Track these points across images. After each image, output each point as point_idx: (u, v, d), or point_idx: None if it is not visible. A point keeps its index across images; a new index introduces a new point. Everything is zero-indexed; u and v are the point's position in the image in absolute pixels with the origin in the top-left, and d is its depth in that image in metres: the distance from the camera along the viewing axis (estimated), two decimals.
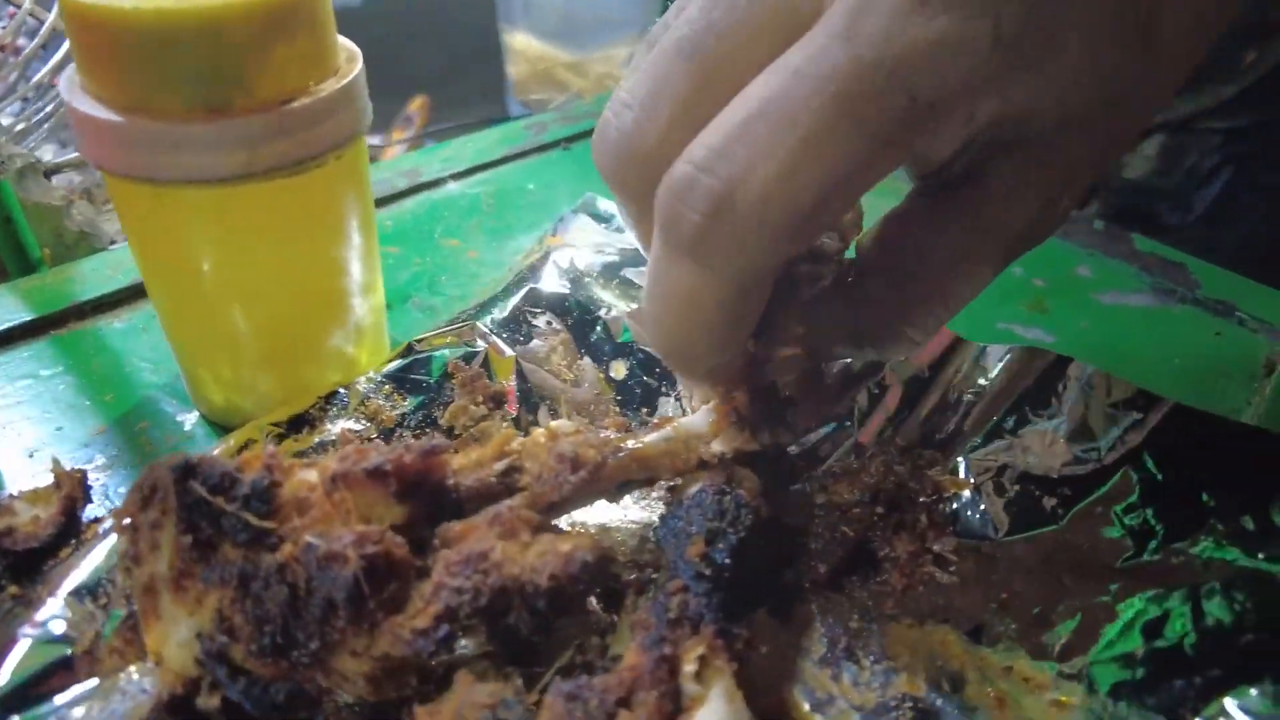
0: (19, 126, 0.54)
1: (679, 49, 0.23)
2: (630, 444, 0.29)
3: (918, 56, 0.20)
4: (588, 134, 0.63)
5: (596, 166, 0.26)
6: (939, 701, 0.28)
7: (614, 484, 0.28)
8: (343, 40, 0.34)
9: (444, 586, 0.24)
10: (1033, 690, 0.28)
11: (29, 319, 0.43)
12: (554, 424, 0.29)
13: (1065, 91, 0.22)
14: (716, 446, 0.29)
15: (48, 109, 0.61)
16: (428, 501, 0.26)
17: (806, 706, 0.28)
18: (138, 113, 0.29)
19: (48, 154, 0.60)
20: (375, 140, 1.02)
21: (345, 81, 0.32)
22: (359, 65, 0.34)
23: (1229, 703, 0.26)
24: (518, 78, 0.91)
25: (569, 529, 0.33)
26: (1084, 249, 0.57)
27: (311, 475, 0.26)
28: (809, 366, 0.31)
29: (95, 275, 0.46)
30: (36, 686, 0.27)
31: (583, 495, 0.28)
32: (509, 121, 0.64)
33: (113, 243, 0.53)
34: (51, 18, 0.59)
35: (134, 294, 0.46)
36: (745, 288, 0.23)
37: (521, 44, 0.87)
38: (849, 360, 0.38)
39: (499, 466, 0.27)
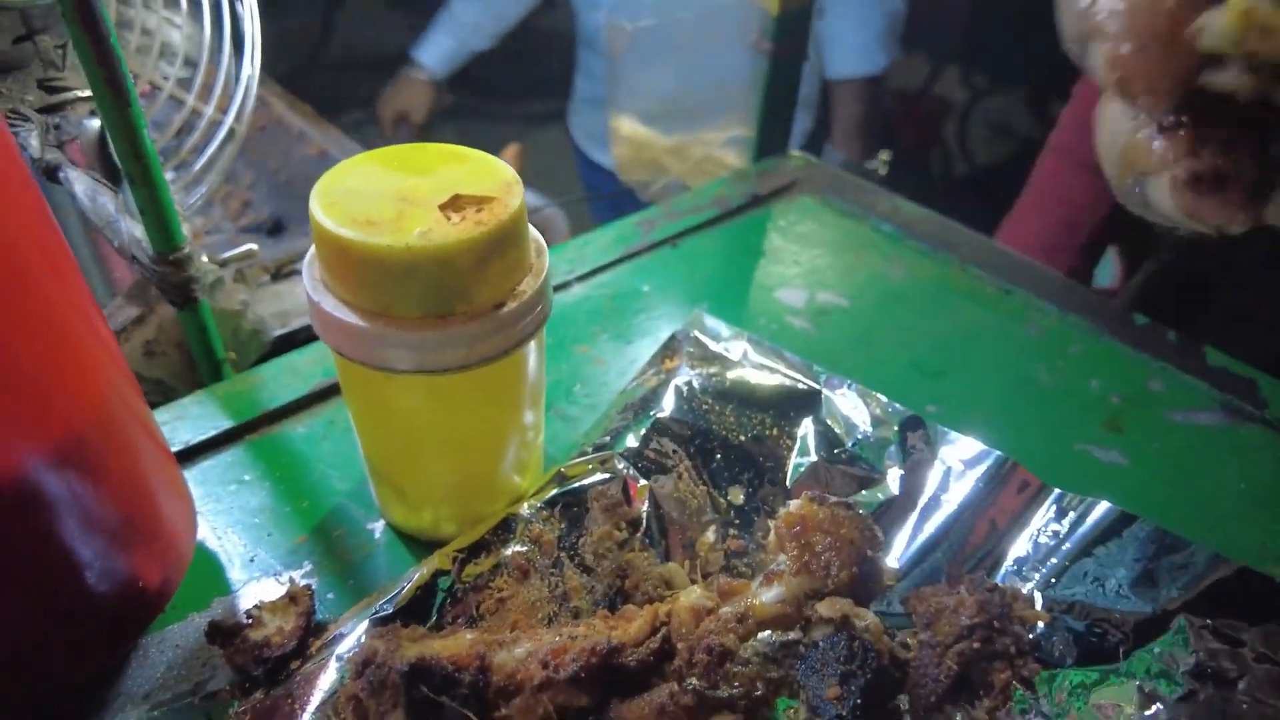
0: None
1: None
2: (751, 600, 0.37)
3: None
4: (691, 231, 0.69)
5: None
6: None
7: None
8: (531, 233, 0.40)
9: None
10: None
11: (230, 426, 0.50)
12: (692, 599, 0.37)
13: None
14: (825, 612, 0.36)
15: (201, 190, 0.68)
16: (607, 681, 0.35)
17: None
18: (378, 318, 0.36)
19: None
20: None
21: (540, 279, 0.38)
22: (546, 256, 0.40)
23: None
24: (621, 161, 0.96)
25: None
26: (1155, 361, 0.60)
27: (509, 655, 0.35)
28: None
29: (276, 382, 0.53)
30: None
31: None
32: (622, 219, 0.69)
33: (274, 332, 0.60)
34: (209, 112, 0.66)
35: (311, 400, 0.52)
36: None
37: (628, 129, 0.92)
38: None
39: (654, 645, 0.36)
